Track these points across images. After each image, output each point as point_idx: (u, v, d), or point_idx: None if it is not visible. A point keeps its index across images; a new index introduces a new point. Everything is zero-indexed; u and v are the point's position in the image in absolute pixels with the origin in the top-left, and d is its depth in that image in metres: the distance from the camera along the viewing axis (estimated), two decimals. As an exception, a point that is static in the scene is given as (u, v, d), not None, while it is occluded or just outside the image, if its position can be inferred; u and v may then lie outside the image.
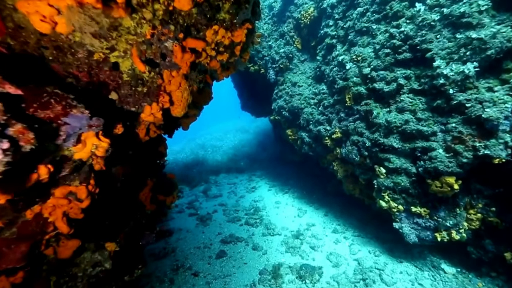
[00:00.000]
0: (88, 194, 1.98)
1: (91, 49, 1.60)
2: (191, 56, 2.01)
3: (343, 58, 5.89)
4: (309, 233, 6.81)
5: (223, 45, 2.50)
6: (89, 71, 1.68)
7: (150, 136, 2.90)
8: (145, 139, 2.86)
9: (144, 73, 2.00)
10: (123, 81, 1.86)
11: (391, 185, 4.86)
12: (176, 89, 2.23)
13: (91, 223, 2.73)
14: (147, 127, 2.65)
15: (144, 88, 2.01)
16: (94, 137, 1.57)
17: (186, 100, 2.34)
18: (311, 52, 8.14)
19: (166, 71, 2.14)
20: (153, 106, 2.05)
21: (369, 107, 5.19)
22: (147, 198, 3.86)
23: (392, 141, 4.79)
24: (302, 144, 7.62)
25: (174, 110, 2.34)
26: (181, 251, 6.05)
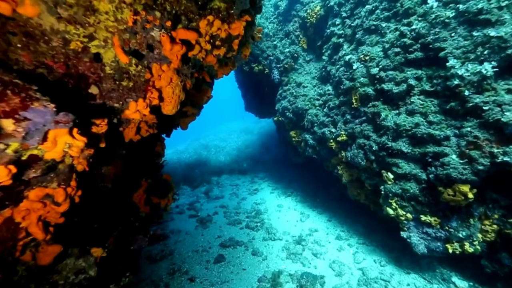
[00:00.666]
0: (66, 197, 1.81)
1: (67, 37, 1.43)
2: (182, 48, 1.83)
3: (350, 57, 5.65)
4: (311, 239, 6.55)
5: (220, 38, 2.31)
6: (66, 62, 1.52)
7: (141, 135, 2.73)
8: (136, 138, 2.69)
9: (130, 66, 1.82)
10: (106, 74, 1.69)
11: (399, 192, 4.58)
12: (166, 84, 2.05)
13: (75, 227, 2.57)
14: (138, 125, 2.47)
15: (130, 83, 1.84)
16: (67, 135, 1.40)
17: (178, 97, 2.15)
18: (317, 52, 7.92)
19: (156, 65, 1.97)
20: (139, 102, 1.87)
21: (377, 109, 4.93)
22: (141, 200, 3.69)
23: (401, 145, 4.53)
24: (306, 146, 7.39)
25: (165, 107, 2.16)
26: (179, 254, 5.87)
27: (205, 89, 3.65)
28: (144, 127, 2.65)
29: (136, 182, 3.67)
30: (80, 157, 1.96)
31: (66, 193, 1.83)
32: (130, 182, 3.53)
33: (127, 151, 3.40)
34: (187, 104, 3.93)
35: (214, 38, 2.27)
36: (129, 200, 3.51)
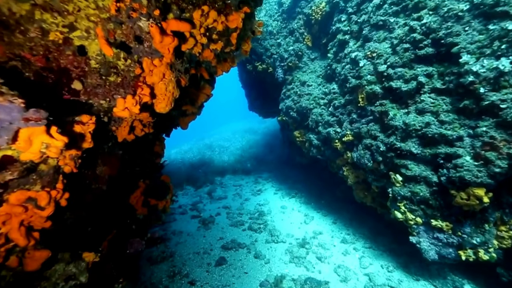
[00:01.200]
0: (50, 200, 1.69)
1: (44, 27, 1.31)
2: (173, 40, 1.69)
3: (357, 54, 5.44)
4: (315, 242, 6.36)
5: (217, 31, 2.16)
6: (46, 55, 1.40)
7: (136, 134, 2.60)
8: (130, 138, 2.57)
9: (118, 60, 1.69)
10: (91, 69, 1.57)
11: (408, 195, 4.36)
12: (159, 80, 1.91)
13: (67, 231, 2.46)
14: (131, 124, 2.34)
15: (118, 78, 1.71)
16: (44, 134, 1.28)
17: (171, 94, 2.02)
18: (321, 49, 7.71)
19: (147, 59, 1.83)
20: (127, 99, 1.74)
21: (385, 107, 4.71)
22: (139, 202, 3.58)
23: (411, 146, 4.31)
24: (310, 146, 7.19)
25: (157, 105, 2.02)
26: (180, 256, 5.77)
27: (204, 86, 3.51)
28: (139, 126, 2.53)
29: (134, 183, 3.56)
30: (67, 158, 1.84)
31: (50, 196, 1.71)
32: (127, 183, 3.43)
33: (124, 151, 3.29)
34: (186, 102, 3.80)
35: (210, 31, 2.12)
36: (125, 201, 3.40)
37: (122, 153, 3.24)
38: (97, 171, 2.82)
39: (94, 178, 2.79)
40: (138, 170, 3.60)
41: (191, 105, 3.90)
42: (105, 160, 2.91)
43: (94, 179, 2.79)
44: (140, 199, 3.58)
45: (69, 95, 1.54)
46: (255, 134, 20.59)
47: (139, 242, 3.33)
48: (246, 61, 9.88)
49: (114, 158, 3.05)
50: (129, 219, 3.45)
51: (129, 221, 3.45)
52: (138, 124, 2.51)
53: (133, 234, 3.43)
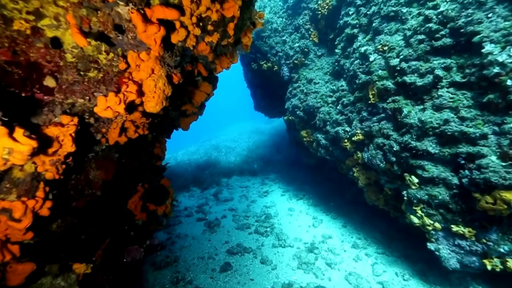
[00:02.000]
0: (26, 210, 1.53)
1: (6, 14, 1.15)
2: (159, 29, 1.49)
3: (366, 49, 5.14)
4: (325, 247, 6.08)
5: (211, 21, 1.95)
6: (12, 47, 1.23)
7: (129, 136, 2.43)
8: (123, 140, 2.40)
9: (99, 54, 1.51)
10: (67, 63, 1.39)
11: (425, 198, 4.03)
12: (147, 76, 1.72)
13: (56, 241, 2.31)
14: (122, 125, 2.16)
15: (99, 74, 1.53)
16: (5, 137, 1.10)
17: (162, 92, 1.82)
18: (328, 46, 7.42)
19: (132, 53, 1.64)
20: (109, 97, 1.55)
21: (398, 104, 4.39)
22: (137, 207, 3.42)
23: (427, 145, 3.98)
24: (318, 146, 6.91)
25: (147, 103, 1.83)
26: (184, 261, 5.61)
27: (203, 84, 3.32)
28: (131, 127, 2.35)
29: (132, 187, 3.41)
30: (47, 164, 1.67)
31: (26, 207, 1.54)
32: (125, 187, 3.27)
33: (121, 154, 3.14)
34: (185, 102, 3.62)
35: (203, 21, 1.91)
36: (123, 207, 3.24)
37: (118, 156, 3.09)
38: (90, 175, 2.67)
39: (87, 183, 2.63)
40: (136, 174, 3.44)
41: (191, 105, 3.71)
42: (99, 164, 2.75)
43: (87, 184, 2.63)
44: (139, 204, 3.42)
45: (42, 93, 1.37)
46: (262, 134, 20.37)
47: (138, 250, 3.16)
48: (250, 60, 9.68)
49: (109, 161, 2.90)
50: (127, 226, 3.30)
51: (127, 227, 3.29)
52: (130, 126, 2.33)
53: (132, 241, 3.27)
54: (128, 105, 1.70)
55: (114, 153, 2.97)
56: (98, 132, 2.22)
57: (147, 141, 3.63)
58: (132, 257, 3.05)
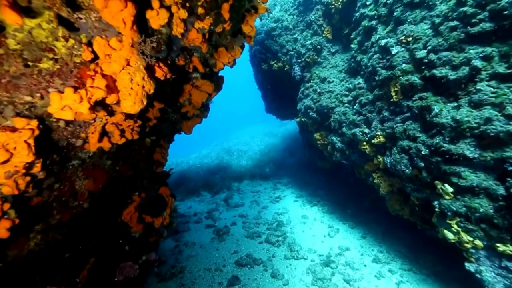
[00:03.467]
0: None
1: None
2: (125, 4, 1.16)
3: (387, 41, 4.62)
4: (342, 260, 5.53)
5: (201, 2, 1.60)
6: None
7: (114, 142, 2.13)
8: (107, 146, 2.10)
9: (55, 41, 1.21)
10: (9, 51, 1.10)
11: (462, 211, 3.44)
12: (120, 69, 1.40)
13: (32, 261, 2.04)
14: (102, 130, 1.86)
15: (54, 65, 1.23)
16: None
17: (141, 88, 1.49)
18: (343, 42, 6.92)
19: (99, 40, 1.33)
20: (66, 93, 1.24)
21: (427, 101, 3.84)
22: (133, 218, 3.13)
23: (464, 148, 3.40)
24: (333, 150, 6.39)
25: (123, 103, 1.51)
26: (190, 273, 5.29)
27: (203, 83, 2.99)
28: (115, 131, 2.05)
29: (127, 197, 3.13)
30: (0, 177, 1.38)
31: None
32: (119, 197, 3.00)
33: (114, 161, 2.87)
34: (185, 104, 3.31)
35: (191, 1, 1.56)
36: (116, 219, 2.96)
37: (111, 163, 2.82)
38: (76, 185, 2.40)
39: (72, 194, 2.36)
40: (132, 182, 3.16)
41: (191, 106, 3.40)
42: (88, 173, 2.48)
43: (72, 196, 2.36)
44: (135, 215, 3.13)
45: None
46: (274, 137, 19.95)
47: (132, 267, 2.86)
48: (261, 60, 9.34)
49: (99, 170, 2.62)
50: (121, 239, 3.01)
51: (121, 241, 3.01)
52: (114, 129, 2.03)
53: (126, 257, 2.98)
54: (95, 104, 1.38)
55: (106, 160, 2.70)
56: (76, 137, 1.93)
57: (145, 146, 3.34)
58: (125, 275, 2.75)
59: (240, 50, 2.67)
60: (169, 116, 3.51)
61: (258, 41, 9.28)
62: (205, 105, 3.94)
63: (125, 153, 3.02)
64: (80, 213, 2.46)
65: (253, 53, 9.85)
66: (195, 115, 3.77)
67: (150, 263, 3.04)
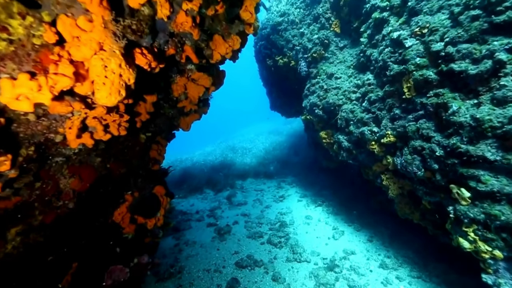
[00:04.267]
0: None
1: None
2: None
3: (400, 34, 4.30)
4: (347, 264, 5.29)
5: (188, -22, 1.39)
6: None
7: (97, 138, 1.95)
8: (89, 142, 1.92)
9: (10, 19, 1.02)
10: (-51, 29, 0.93)
11: (481, 218, 3.15)
12: (91, 53, 1.20)
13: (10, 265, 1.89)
14: (81, 124, 1.67)
15: (9, 47, 1.04)
16: None
17: (117, 77, 1.30)
18: (352, 36, 6.59)
19: (64, 18, 1.13)
20: (19, 80, 1.06)
21: (443, 98, 3.54)
22: (125, 219, 2.97)
23: (485, 150, 3.10)
24: (340, 149, 6.12)
25: (96, 94, 1.31)
26: (188, 273, 5.16)
27: (199, 76, 2.78)
28: (98, 126, 1.87)
29: (118, 196, 2.97)
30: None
31: None
32: (110, 197, 2.84)
33: (105, 158, 2.70)
34: (181, 98, 3.12)
35: (176, -24, 1.35)
36: (107, 219, 2.80)
37: (101, 160, 2.66)
38: (61, 184, 2.24)
39: (56, 194, 2.21)
40: (125, 181, 3.00)
41: (188, 101, 3.20)
42: (74, 171, 2.32)
43: (55, 195, 2.21)
44: (127, 215, 2.97)
45: None
46: (279, 135, 19.70)
47: (122, 270, 2.71)
48: (266, 56, 9.08)
49: (87, 167, 2.46)
50: (112, 241, 2.86)
51: (112, 242, 2.86)
52: (96, 124, 1.84)
53: (117, 260, 2.83)
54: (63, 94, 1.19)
55: (95, 157, 2.54)
56: (54, 132, 1.75)
57: (139, 143, 3.17)
58: (115, 279, 2.60)
59: (238, 40, 2.45)
60: (165, 111, 3.32)
61: (264, 36, 9.01)
62: (204, 101, 3.74)
63: (117, 150, 2.85)
64: (66, 214, 2.31)
65: (258, 48, 9.59)
66: (193, 111, 3.58)
67: (142, 266, 2.88)
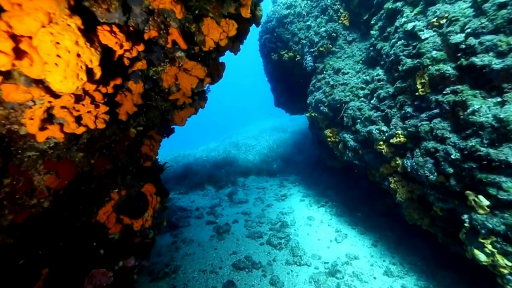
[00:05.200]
0: None
1: None
2: None
3: (415, 25, 3.96)
4: (349, 270, 5.04)
5: None
6: None
7: (68, 131, 1.73)
8: (59, 136, 1.70)
9: None
10: None
11: (501, 229, 2.85)
12: (38, 26, 0.96)
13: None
14: (45, 115, 1.45)
15: None
16: None
17: (74, 57, 1.06)
18: (362, 29, 6.23)
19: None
20: None
21: (461, 96, 3.21)
22: (111, 218, 2.77)
23: (508, 154, 2.78)
24: (345, 149, 5.82)
25: (48, 76, 1.09)
26: (184, 273, 4.99)
27: (192, 66, 2.53)
28: (68, 118, 1.64)
29: (105, 194, 2.77)
30: None
31: None
32: (94, 195, 2.64)
33: (88, 153, 2.50)
34: (172, 90, 2.88)
35: None
36: (90, 219, 2.61)
37: (84, 156, 2.45)
38: (34, 181, 2.04)
39: (28, 191, 2.01)
40: (111, 178, 2.79)
41: (180, 93, 2.96)
42: (50, 166, 2.11)
43: (27, 193, 2.01)
44: (112, 215, 2.77)
45: None
46: (283, 132, 19.39)
47: (105, 274, 2.51)
48: (270, 50, 8.76)
49: (66, 163, 2.25)
50: (96, 242, 2.67)
51: (95, 244, 2.67)
52: (66, 115, 1.62)
53: (100, 263, 2.64)
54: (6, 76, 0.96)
55: (76, 152, 2.33)
56: (17, 123, 1.53)
57: (128, 137, 2.95)
58: (96, 284, 2.41)
59: (234, 25, 2.18)
60: (158, 104, 3.10)
61: (269, 29, 8.69)
62: (200, 94, 3.49)
63: (102, 144, 2.64)
64: (40, 213, 2.11)
65: (263, 42, 9.27)
66: (187, 104, 3.34)
67: (127, 270, 2.69)
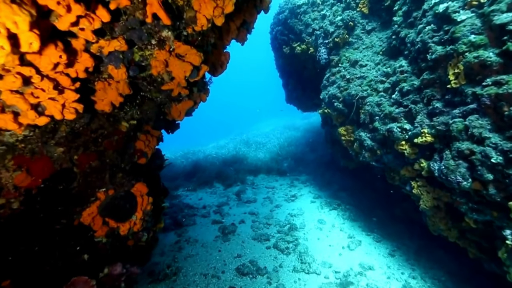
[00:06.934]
0: None
1: None
2: None
3: (449, 6, 3.40)
4: (363, 282, 4.58)
5: None
6: None
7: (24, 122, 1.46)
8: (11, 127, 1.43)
9: None
10: None
11: (556, 251, 2.32)
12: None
13: None
14: None
15: None
16: None
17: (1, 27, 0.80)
18: (383, 17, 5.66)
19: None
20: None
21: (506, 88, 2.67)
22: (97, 220, 2.53)
23: None
24: (361, 148, 5.32)
25: None
26: (184, 276, 4.76)
27: (186, 50, 2.20)
28: (21, 105, 1.36)
29: (91, 194, 2.53)
30: None
31: None
32: (75, 195, 2.39)
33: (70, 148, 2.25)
34: (164, 78, 2.57)
35: None
36: (72, 221, 2.37)
37: (64, 151, 2.20)
38: (2, 179, 1.81)
39: None
40: (98, 176, 2.55)
41: (177, 84, 2.65)
42: (21, 162, 1.88)
43: None
44: (98, 217, 2.53)
45: None
46: (295, 130, 18.87)
47: (87, 282, 2.27)
48: (282, 42, 8.32)
49: (41, 159, 2.01)
50: (79, 246, 2.43)
51: (79, 248, 2.43)
52: (17, 102, 1.34)
53: (84, 269, 2.41)
54: None
55: (55, 146, 2.08)
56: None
57: (119, 132, 2.69)
58: (76, 294, 2.17)
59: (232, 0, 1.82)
60: (152, 95, 2.81)
61: (281, 21, 8.24)
62: (199, 85, 3.17)
63: (88, 138, 2.39)
64: (9, 215, 1.88)
65: (274, 35, 8.84)
66: (185, 96, 3.04)
67: (113, 278, 2.44)
